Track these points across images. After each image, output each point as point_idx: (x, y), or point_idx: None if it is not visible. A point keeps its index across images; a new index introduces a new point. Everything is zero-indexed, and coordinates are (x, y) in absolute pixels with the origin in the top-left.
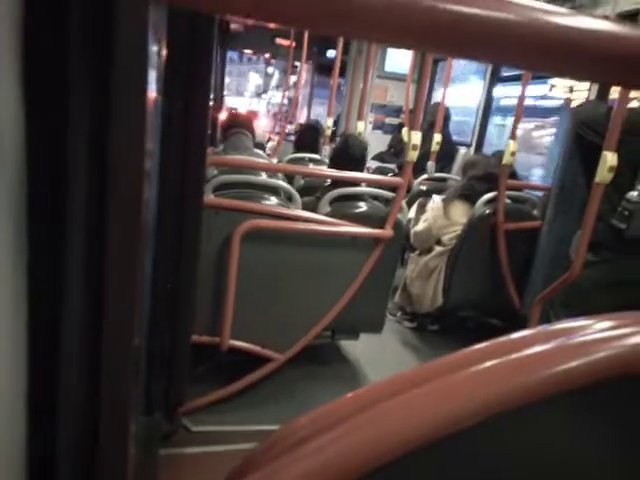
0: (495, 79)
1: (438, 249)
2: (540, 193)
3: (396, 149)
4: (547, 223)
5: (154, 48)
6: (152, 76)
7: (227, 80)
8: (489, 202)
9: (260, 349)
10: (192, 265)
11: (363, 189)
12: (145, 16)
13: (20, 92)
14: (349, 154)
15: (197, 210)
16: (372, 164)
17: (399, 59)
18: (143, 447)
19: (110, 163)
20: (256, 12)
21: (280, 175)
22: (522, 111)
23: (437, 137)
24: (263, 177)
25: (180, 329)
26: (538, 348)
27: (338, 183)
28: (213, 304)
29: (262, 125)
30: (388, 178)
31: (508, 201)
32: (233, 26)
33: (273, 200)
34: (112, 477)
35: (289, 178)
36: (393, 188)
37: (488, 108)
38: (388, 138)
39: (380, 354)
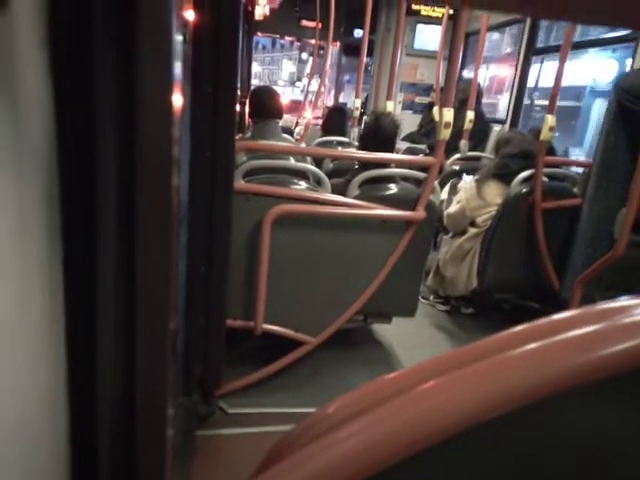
0: (531, 52)
1: (472, 231)
2: (581, 170)
3: (427, 129)
4: (588, 201)
5: (179, 37)
6: (177, 64)
7: (259, 69)
8: (526, 180)
9: (293, 333)
10: (224, 250)
11: (393, 170)
12: (169, 3)
13: (48, 86)
14: (380, 134)
15: (227, 196)
16: (402, 145)
17: (429, 36)
18: (181, 428)
19: (138, 151)
20: None
21: (309, 159)
22: (560, 84)
23: (470, 114)
24: (292, 161)
25: (215, 313)
26: (584, 329)
27: (368, 165)
28: (246, 289)
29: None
30: (419, 158)
31: (546, 179)
32: (258, 11)
33: (302, 184)
34: (151, 457)
35: (318, 162)
36: (425, 169)
37: (523, 83)
38: (418, 118)
39: (413, 338)
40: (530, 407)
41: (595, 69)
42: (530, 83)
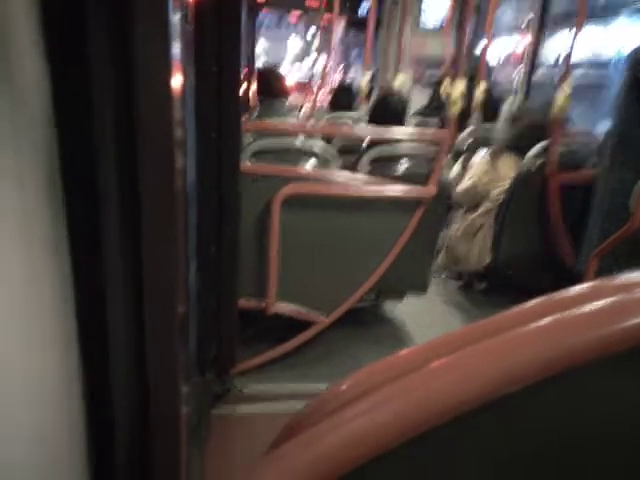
0: (544, 21)
1: (486, 205)
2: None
3: (438, 103)
4: (604, 174)
5: (177, 16)
6: (176, 44)
7: (265, 46)
8: (540, 153)
9: (305, 312)
10: (233, 231)
11: (404, 146)
12: None
13: (45, 70)
14: (388, 111)
15: (235, 177)
16: (413, 120)
17: (437, 8)
18: (196, 407)
19: (139, 133)
20: None
21: (317, 137)
22: (574, 52)
23: (482, 85)
24: (300, 140)
25: (226, 293)
26: (601, 302)
27: (377, 142)
28: (258, 269)
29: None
30: (431, 132)
31: (561, 150)
32: None
33: (311, 163)
34: (165, 435)
35: (327, 140)
36: (436, 144)
37: (536, 54)
38: (428, 93)
39: (425, 315)
40: (546, 382)
41: (628, 37)
42: (555, 54)
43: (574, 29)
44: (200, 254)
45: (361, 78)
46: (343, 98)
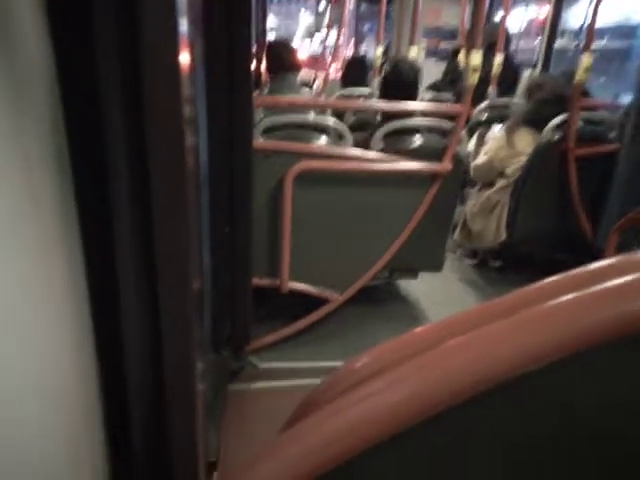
0: None
1: (501, 182)
2: (618, 113)
3: (452, 76)
4: (625, 146)
5: None
6: (183, 19)
7: (276, 21)
8: (559, 126)
9: (319, 290)
10: (246, 209)
11: (418, 121)
12: None
13: (49, 48)
14: (400, 81)
15: (247, 154)
16: (427, 95)
17: None
18: (212, 384)
19: (147, 111)
20: None
21: (329, 113)
22: (595, 21)
23: (499, 58)
24: (312, 116)
25: (241, 271)
26: (620, 280)
27: (391, 117)
28: (271, 247)
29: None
30: (446, 106)
31: (581, 123)
32: None
33: (323, 139)
34: (181, 411)
35: (339, 116)
36: (451, 118)
37: (555, 24)
38: (443, 66)
39: (440, 293)
40: (563, 362)
41: None
42: (578, 23)
43: None
44: (213, 233)
45: (374, 52)
46: (356, 72)
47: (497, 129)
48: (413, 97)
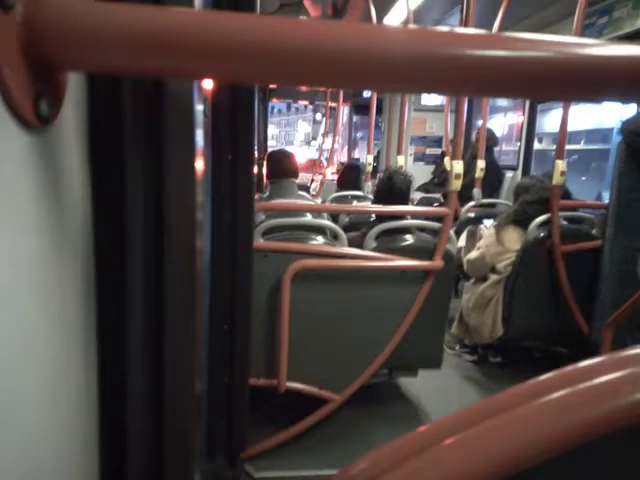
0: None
1: (494, 277)
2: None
3: (440, 178)
4: (609, 242)
5: (199, 107)
6: (199, 133)
7: (276, 131)
8: (543, 224)
9: (317, 390)
10: (246, 308)
11: (408, 221)
12: (190, 85)
13: (85, 157)
14: (394, 191)
15: (248, 254)
16: (416, 195)
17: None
18: None
19: (165, 215)
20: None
21: (325, 214)
22: (566, 129)
23: (480, 163)
24: (309, 218)
25: (239, 372)
26: (616, 375)
27: (383, 218)
28: (269, 346)
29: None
30: (434, 208)
31: (564, 222)
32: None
33: (320, 239)
34: None
35: (334, 217)
36: (440, 218)
37: (531, 130)
38: (430, 168)
39: (441, 390)
40: (563, 458)
41: (623, 109)
42: (554, 128)
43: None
44: (213, 332)
45: (366, 157)
46: (351, 176)
47: (487, 224)
48: (404, 203)
